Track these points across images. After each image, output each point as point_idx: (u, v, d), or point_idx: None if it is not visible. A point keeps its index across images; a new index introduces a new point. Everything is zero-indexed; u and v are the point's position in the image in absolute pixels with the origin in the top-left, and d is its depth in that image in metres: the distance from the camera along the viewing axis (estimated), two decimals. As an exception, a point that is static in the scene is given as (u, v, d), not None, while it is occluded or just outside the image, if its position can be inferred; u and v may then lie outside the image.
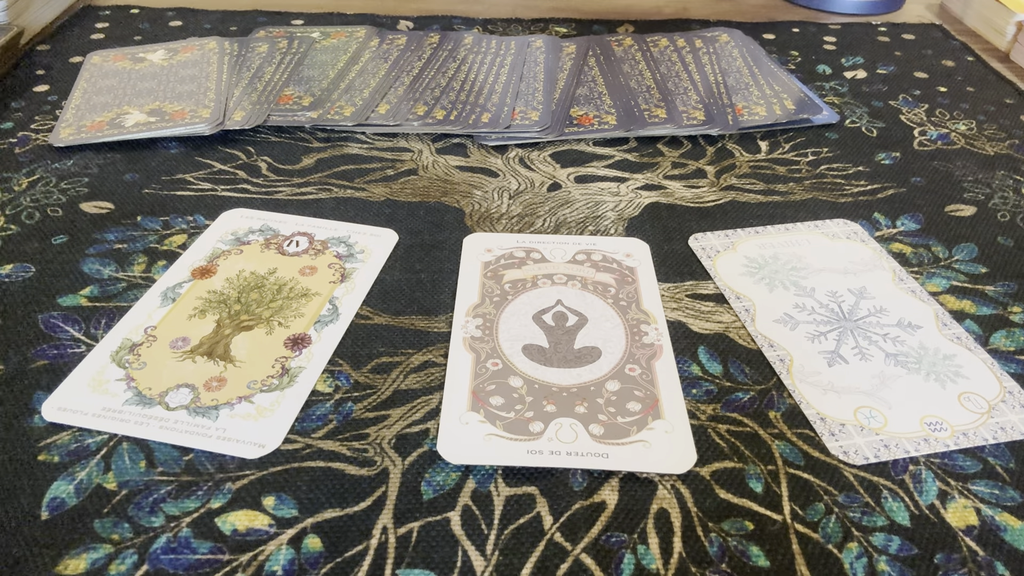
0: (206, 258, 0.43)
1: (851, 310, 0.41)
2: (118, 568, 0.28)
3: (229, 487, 0.31)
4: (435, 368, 0.37)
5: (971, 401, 0.35)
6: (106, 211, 0.47)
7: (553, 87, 0.61)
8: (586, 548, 0.29)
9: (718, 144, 0.56)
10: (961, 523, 0.30)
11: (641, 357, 0.37)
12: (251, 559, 0.28)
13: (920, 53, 0.72)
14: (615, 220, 0.47)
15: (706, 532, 0.30)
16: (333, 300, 0.40)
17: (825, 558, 0.29)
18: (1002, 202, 0.50)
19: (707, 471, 0.32)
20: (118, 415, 0.33)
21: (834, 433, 0.34)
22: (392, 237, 0.45)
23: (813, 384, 0.36)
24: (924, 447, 0.33)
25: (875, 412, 0.35)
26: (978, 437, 0.34)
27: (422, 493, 0.31)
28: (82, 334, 0.38)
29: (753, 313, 0.40)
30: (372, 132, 0.56)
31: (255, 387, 0.35)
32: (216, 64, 0.62)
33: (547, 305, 0.40)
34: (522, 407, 0.34)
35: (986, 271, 0.44)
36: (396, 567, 0.28)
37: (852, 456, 0.33)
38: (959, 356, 0.38)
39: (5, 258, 0.43)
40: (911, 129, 0.59)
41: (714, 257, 0.44)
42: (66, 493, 0.30)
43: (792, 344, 0.38)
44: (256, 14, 0.74)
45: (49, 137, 0.53)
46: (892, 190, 0.51)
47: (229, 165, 0.52)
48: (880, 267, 0.44)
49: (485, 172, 0.52)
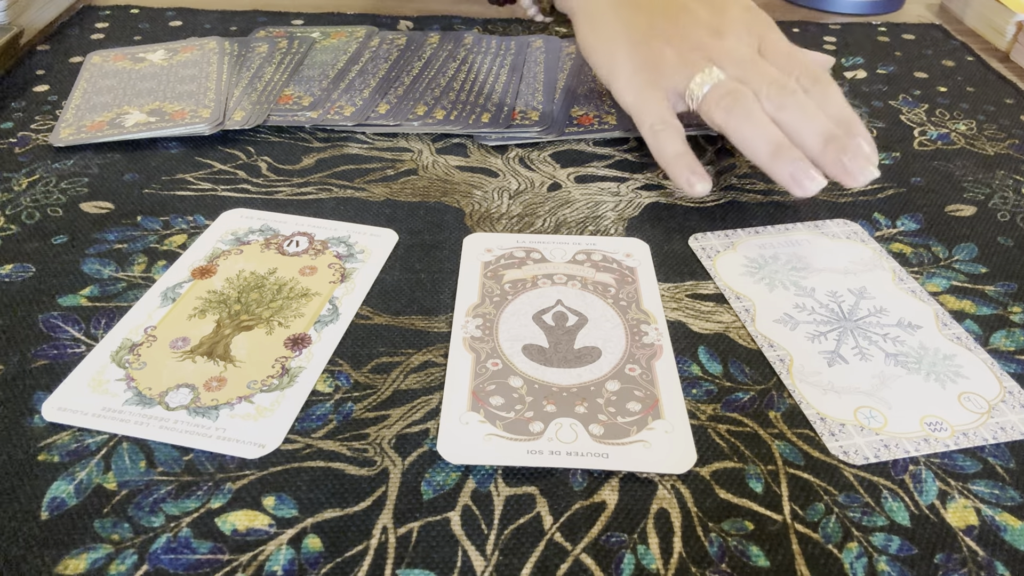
0: (206, 258, 0.43)
1: (851, 310, 0.41)
2: (118, 568, 0.28)
3: (229, 487, 0.31)
4: (435, 368, 0.37)
5: (971, 401, 0.35)
6: (106, 211, 0.47)
7: (553, 87, 0.61)
8: (586, 548, 0.29)
9: (718, 144, 0.56)
10: (961, 523, 0.30)
11: (641, 357, 0.37)
12: (251, 559, 0.28)
13: (920, 53, 0.72)
14: (615, 220, 0.47)
15: (706, 532, 0.30)
16: (333, 300, 0.40)
17: (825, 558, 0.29)
18: (1002, 202, 0.50)
19: (707, 471, 0.32)
20: (118, 415, 0.33)
21: (834, 433, 0.34)
22: (392, 237, 0.45)
23: (813, 384, 0.36)
24: (924, 447, 0.33)
25: (875, 412, 0.35)
26: (978, 437, 0.34)
27: (422, 493, 0.31)
28: (82, 334, 0.38)
29: (753, 313, 0.40)
30: (372, 132, 0.56)
31: (255, 387, 0.35)
32: (216, 64, 0.62)
33: (547, 305, 0.40)
34: (522, 407, 0.34)
35: (986, 271, 0.44)
36: (396, 567, 0.28)
37: (852, 456, 0.33)
38: (959, 356, 0.38)
39: (5, 258, 0.43)
40: (911, 129, 0.59)
41: (714, 257, 0.44)
42: (66, 493, 0.30)
43: (792, 344, 0.38)
44: (256, 14, 0.74)
45: (49, 137, 0.53)
46: (892, 190, 0.51)
47: (229, 165, 0.52)
48: (880, 267, 0.44)
49: (485, 172, 0.52)
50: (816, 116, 0.45)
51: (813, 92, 0.46)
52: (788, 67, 0.47)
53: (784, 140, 0.44)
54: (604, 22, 0.52)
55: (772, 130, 0.45)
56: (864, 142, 0.44)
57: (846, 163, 0.43)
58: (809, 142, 0.44)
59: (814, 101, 0.46)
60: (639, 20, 0.51)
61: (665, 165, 0.47)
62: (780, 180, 0.44)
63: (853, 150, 0.43)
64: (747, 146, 0.46)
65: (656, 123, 0.48)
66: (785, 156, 0.44)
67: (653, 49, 0.49)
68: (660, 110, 0.48)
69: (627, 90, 0.50)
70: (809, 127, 0.45)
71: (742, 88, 0.46)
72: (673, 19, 0.50)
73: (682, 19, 0.50)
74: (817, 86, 0.47)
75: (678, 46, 0.48)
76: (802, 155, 0.44)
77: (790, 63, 0.48)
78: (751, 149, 0.45)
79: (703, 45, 0.48)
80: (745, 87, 0.46)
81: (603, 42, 0.52)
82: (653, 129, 0.48)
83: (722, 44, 0.48)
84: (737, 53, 0.47)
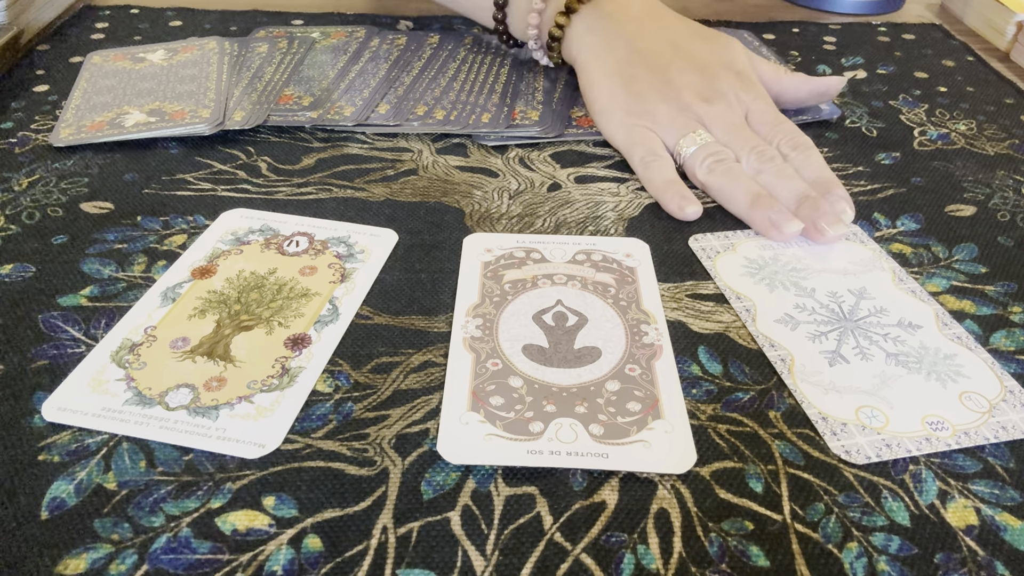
0: (206, 258, 0.43)
1: (851, 310, 0.41)
2: (118, 568, 0.28)
3: (229, 487, 0.31)
4: (435, 368, 0.37)
5: (972, 400, 0.35)
6: (106, 211, 0.47)
7: (553, 87, 0.61)
8: (586, 548, 0.29)
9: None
10: (961, 523, 0.30)
11: (641, 357, 0.37)
12: (251, 559, 0.28)
13: (920, 53, 0.72)
14: (615, 220, 0.47)
15: (706, 532, 0.30)
16: (333, 300, 0.40)
17: (825, 558, 0.29)
18: (1002, 202, 0.50)
19: (707, 471, 0.32)
20: (118, 415, 0.33)
21: (836, 432, 0.34)
22: (392, 237, 0.45)
23: (815, 384, 0.36)
24: (926, 446, 0.33)
25: (876, 411, 0.35)
26: (979, 436, 0.34)
27: (422, 493, 0.31)
28: (82, 334, 0.38)
29: (754, 313, 0.40)
30: (372, 132, 0.56)
31: (255, 387, 0.35)
32: (216, 64, 0.62)
33: (547, 305, 0.40)
34: (522, 407, 0.34)
35: (986, 271, 0.44)
36: (396, 567, 0.28)
37: (855, 455, 0.33)
38: (960, 356, 0.38)
39: (5, 258, 0.43)
40: (911, 129, 0.59)
41: (714, 258, 0.44)
42: (66, 493, 0.30)
43: (793, 344, 0.38)
44: (256, 14, 0.74)
45: (49, 137, 0.53)
46: (892, 190, 0.51)
47: (229, 165, 0.52)
48: (880, 268, 0.44)
49: (485, 172, 0.52)
50: (792, 178, 0.47)
51: (793, 157, 0.49)
52: (772, 134, 0.51)
53: (763, 191, 0.47)
54: (605, 75, 0.55)
55: (752, 184, 0.47)
56: (842, 199, 0.46)
57: (816, 220, 0.45)
58: (784, 201, 0.47)
59: (793, 166, 0.49)
60: (639, 76, 0.53)
61: (656, 193, 0.49)
62: (759, 226, 0.46)
63: (824, 209, 0.45)
64: (727, 198, 0.48)
65: (647, 155, 0.51)
66: (763, 204, 0.46)
67: (648, 103, 0.52)
68: (651, 144, 0.51)
69: (619, 130, 0.53)
70: (784, 188, 0.47)
71: (725, 150, 0.49)
72: (669, 81, 0.53)
73: (677, 81, 0.53)
74: (797, 151, 0.50)
75: (671, 105, 0.52)
76: (780, 204, 0.46)
77: (774, 131, 0.51)
78: (731, 200, 0.48)
79: (694, 108, 0.52)
80: (728, 150, 0.49)
81: (602, 91, 0.55)
82: (644, 161, 0.50)
83: (711, 109, 0.51)
84: (724, 119, 0.51)
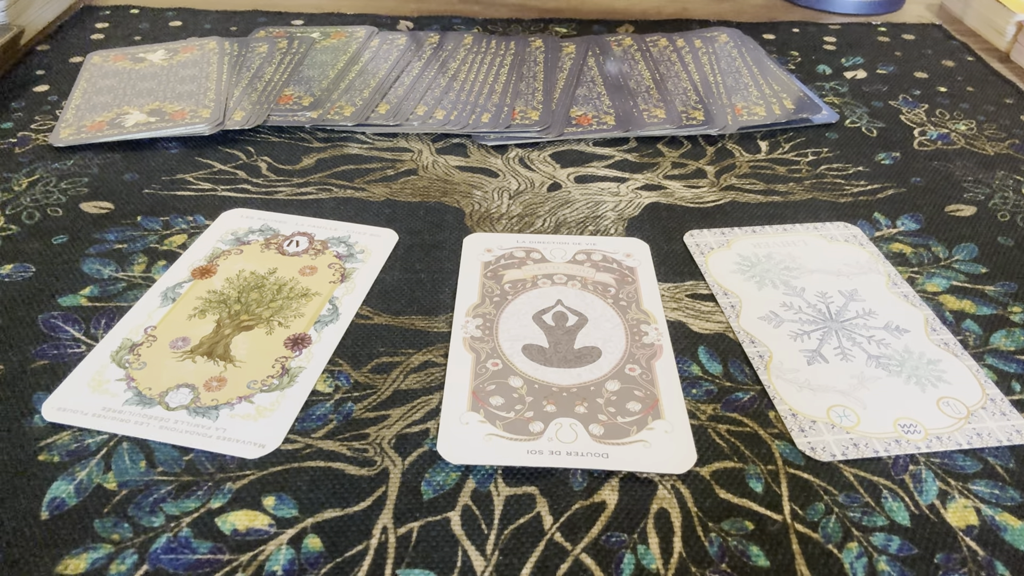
0: (206, 258, 0.43)
1: (839, 311, 0.41)
2: (118, 568, 0.28)
3: (229, 487, 0.31)
4: (435, 368, 0.37)
5: (949, 406, 0.35)
6: (106, 211, 0.47)
7: (553, 87, 0.61)
8: (586, 548, 0.29)
9: (718, 144, 0.56)
10: (961, 523, 0.30)
11: (641, 357, 0.37)
12: (251, 559, 0.28)
13: (920, 53, 0.72)
14: (615, 220, 0.47)
15: (706, 532, 0.30)
16: (333, 300, 0.40)
17: (825, 558, 0.29)
18: (1002, 202, 0.50)
19: (707, 471, 0.32)
20: (118, 415, 0.33)
21: (804, 429, 0.34)
22: (392, 237, 0.45)
23: (789, 381, 0.36)
24: (895, 448, 0.33)
25: (848, 411, 0.35)
26: (951, 442, 0.34)
27: (422, 493, 0.31)
28: (82, 334, 0.38)
29: (739, 309, 0.40)
30: (372, 132, 0.56)
31: (255, 387, 0.35)
32: (216, 64, 0.62)
33: (547, 305, 0.40)
34: (522, 407, 0.34)
35: (986, 271, 0.44)
36: (396, 567, 0.28)
37: (819, 452, 0.33)
38: (944, 361, 0.38)
39: (5, 258, 0.43)
40: (911, 129, 0.59)
41: (707, 254, 0.44)
42: (66, 493, 0.30)
43: (773, 341, 0.38)
44: (256, 14, 0.74)
45: (49, 137, 0.53)
46: (892, 190, 0.51)
47: (229, 165, 0.52)
48: (875, 271, 0.44)
49: (485, 172, 0.52)
50: None
51: None
52: None
53: None
54: None
55: None
56: None
57: None
58: None
59: None
60: None
61: None
62: None
63: None
64: None
65: None
66: None
67: None
68: None
69: None
70: None
71: None
72: None
73: None
74: None
75: None
76: None
77: None
78: None
79: None
80: None
81: None
82: None
83: None
84: None
